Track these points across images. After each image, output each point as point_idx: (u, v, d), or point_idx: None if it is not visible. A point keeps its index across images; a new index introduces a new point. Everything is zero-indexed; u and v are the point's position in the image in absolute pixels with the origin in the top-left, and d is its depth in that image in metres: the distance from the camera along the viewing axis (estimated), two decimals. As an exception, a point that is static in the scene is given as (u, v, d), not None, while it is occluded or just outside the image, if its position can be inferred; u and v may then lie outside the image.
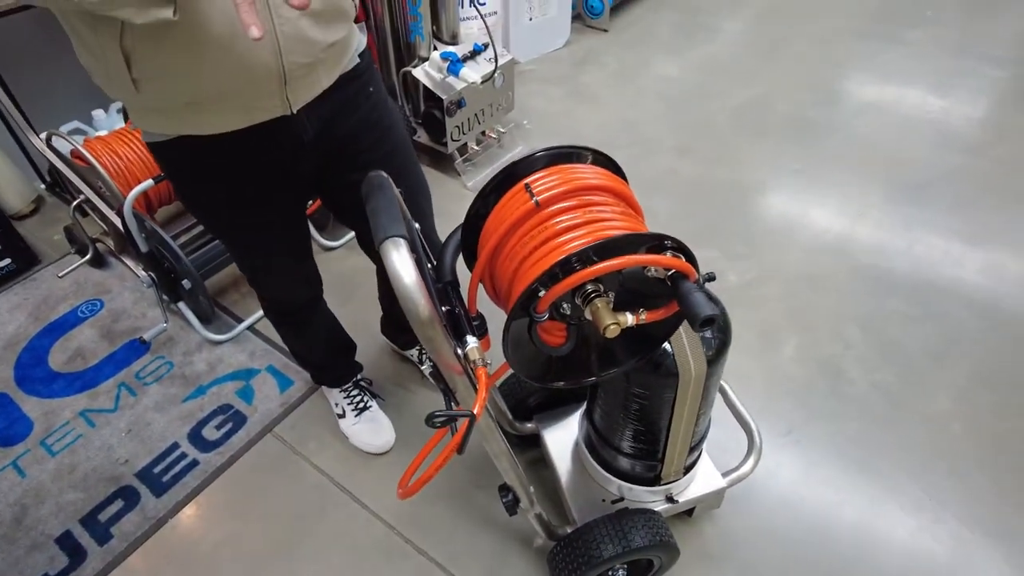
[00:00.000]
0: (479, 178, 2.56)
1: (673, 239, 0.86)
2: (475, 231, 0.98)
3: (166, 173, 1.15)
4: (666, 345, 1.09)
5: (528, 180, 0.92)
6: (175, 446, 1.73)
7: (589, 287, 0.88)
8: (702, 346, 1.10)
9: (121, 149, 1.96)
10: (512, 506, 1.20)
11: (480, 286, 0.97)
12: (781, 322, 2.01)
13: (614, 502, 1.40)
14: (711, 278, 1.10)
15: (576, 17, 3.58)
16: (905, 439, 1.71)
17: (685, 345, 1.09)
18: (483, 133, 2.61)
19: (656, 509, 1.36)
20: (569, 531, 1.31)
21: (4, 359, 1.96)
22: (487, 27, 2.16)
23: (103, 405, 1.83)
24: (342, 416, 1.73)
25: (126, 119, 2.23)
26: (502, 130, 2.65)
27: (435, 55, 2.32)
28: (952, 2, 3.76)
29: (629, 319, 0.88)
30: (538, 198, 0.88)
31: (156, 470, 1.68)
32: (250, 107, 1.01)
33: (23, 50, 2.31)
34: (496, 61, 2.28)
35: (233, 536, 1.57)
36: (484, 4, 2.76)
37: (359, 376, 1.75)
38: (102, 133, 2.12)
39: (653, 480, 1.35)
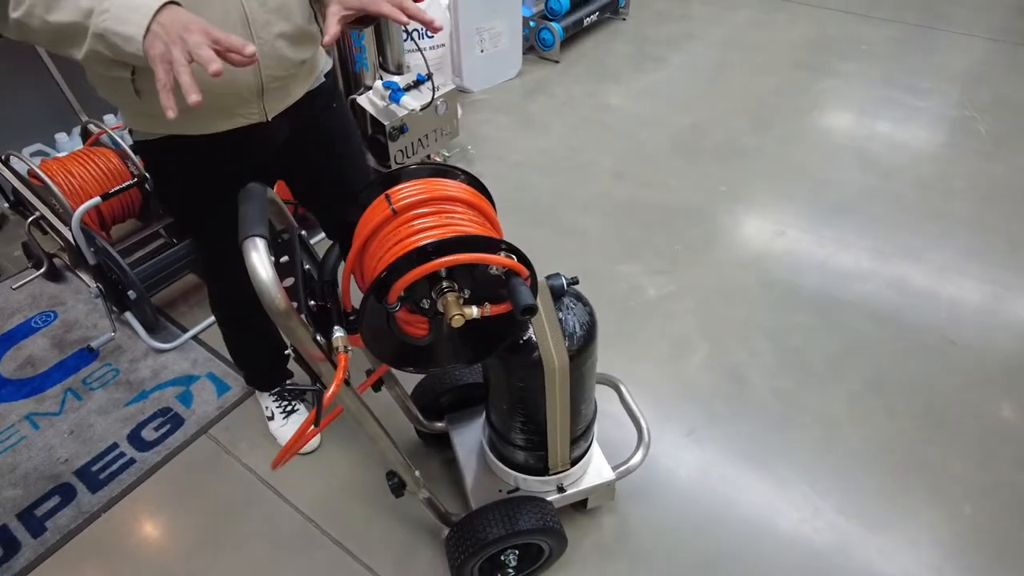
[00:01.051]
0: (424, 199, 2.70)
1: (508, 243, 1.00)
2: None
3: (151, 168, 1.36)
4: (536, 340, 1.23)
5: (392, 189, 1.06)
6: (114, 446, 1.83)
7: (444, 284, 1.01)
8: (564, 341, 1.23)
9: (76, 168, 2.10)
10: (398, 488, 1.32)
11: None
12: (693, 333, 2.15)
13: (510, 492, 1.52)
14: (575, 281, 1.25)
15: (530, 49, 3.77)
16: (798, 440, 1.84)
17: (549, 339, 1.23)
18: (428, 157, 2.76)
19: (548, 498, 1.48)
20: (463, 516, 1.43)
21: (-43, 366, 2.07)
22: (425, 60, 2.32)
23: (48, 409, 1.93)
24: (271, 419, 1.84)
25: (85, 140, 2.36)
26: (447, 154, 2.81)
27: (378, 84, 2.48)
28: (886, 39, 3.99)
29: (475, 311, 1.02)
30: (397, 205, 1.02)
31: (94, 468, 1.78)
32: (232, 113, 1.19)
33: (-10, 77, 2.45)
34: (434, 91, 2.44)
35: (162, 529, 1.67)
36: (432, 37, 2.94)
37: (289, 382, 1.86)
38: (61, 155, 2.25)
39: (543, 470, 1.47)
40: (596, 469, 1.57)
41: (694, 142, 3.08)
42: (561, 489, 1.51)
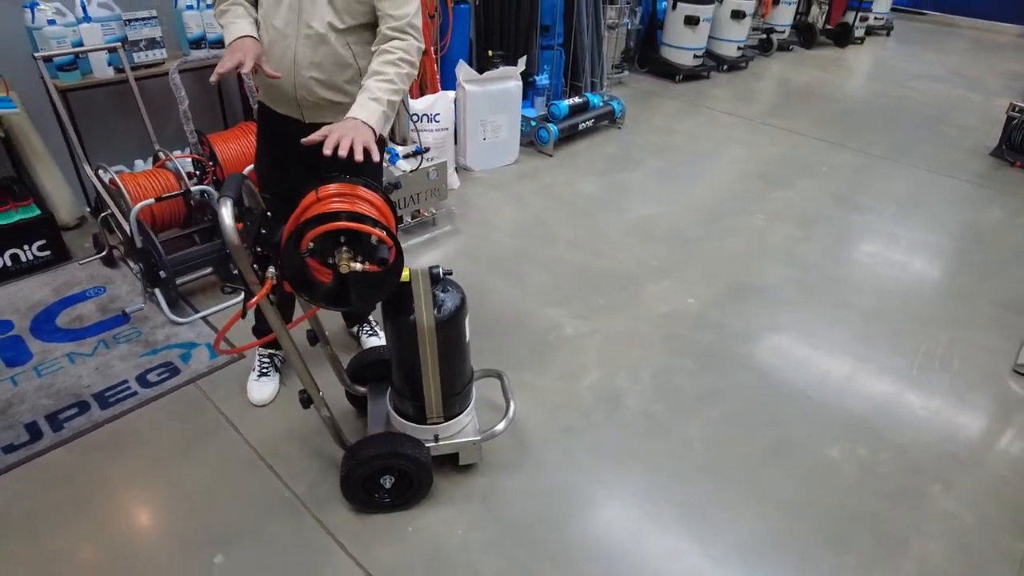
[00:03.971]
0: (409, 243, 3.32)
1: (386, 227, 1.57)
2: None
3: (256, 119, 2.14)
4: (414, 307, 1.77)
5: (322, 186, 1.66)
6: (125, 382, 2.40)
7: (343, 246, 1.58)
8: (435, 310, 1.77)
9: (142, 180, 2.81)
10: (306, 402, 1.83)
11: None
12: (591, 362, 2.63)
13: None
14: (449, 272, 1.81)
15: (529, 143, 4.49)
16: (654, 449, 2.26)
17: (423, 307, 1.76)
18: (418, 211, 3.41)
19: (424, 443, 1.96)
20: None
21: (26, 315, 2.71)
22: (419, 137, 3.02)
23: (84, 351, 2.54)
24: (253, 371, 2.38)
25: (154, 164, 3.09)
26: (434, 211, 3.46)
27: (383, 148, 3.18)
28: (848, 164, 4.58)
29: (358, 266, 1.58)
30: (320, 195, 1.61)
31: (107, 394, 2.35)
32: (283, 104, 1.97)
33: (98, 112, 3.25)
34: (421, 160, 3.12)
35: (147, 440, 2.20)
36: (438, 122, 3.66)
37: (276, 351, 2.41)
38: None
39: (422, 420, 1.96)
40: (468, 431, 2.04)
41: (646, 228, 3.64)
42: (436, 438, 1.99)
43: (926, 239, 3.68)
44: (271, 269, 1.60)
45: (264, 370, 2.39)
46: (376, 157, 1.67)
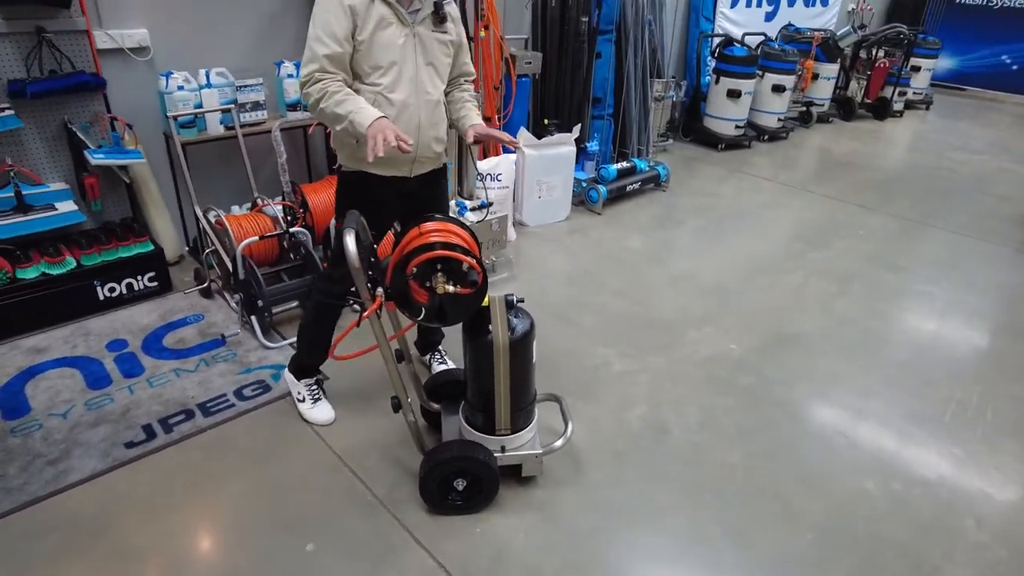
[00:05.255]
0: (470, 287, 3.64)
1: (477, 256, 1.88)
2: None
3: (341, 186, 2.33)
4: (491, 328, 2.05)
5: (423, 224, 1.99)
6: (224, 395, 2.72)
7: (439, 270, 1.90)
8: (508, 332, 2.05)
9: (244, 222, 3.21)
10: (396, 407, 2.11)
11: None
12: (639, 397, 2.85)
13: (469, 445, 2.25)
14: (521, 300, 2.10)
15: (580, 202, 4.84)
16: (697, 474, 2.46)
17: (499, 327, 2.05)
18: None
19: (493, 452, 2.20)
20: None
21: (138, 336, 3.09)
22: (486, 193, 3.38)
23: (188, 368, 2.88)
24: (302, 401, 2.63)
25: (252, 208, 3.50)
26: (494, 258, 3.79)
27: (452, 202, 3.55)
28: (884, 227, 4.79)
29: (451, 288, 1.89)
30: (422, 229, 1.94)
31: (208, 404, 2.67)
32: (395, 167, 2.22)
33: (204, 163, 3.71)
34: (487, 212, 3.48)
35: (244, 442, 2.49)
36: (500, 180, 4.04)
37: (319, 375, 2.69)
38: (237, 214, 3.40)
39: (491, 430, 2.21)
40: (530, 445, 2.28)
41: (688, 280, 3.90)
42: (503, 449, 2.23)
43: (961, 298, 3.83)
44: (380, 289, 1.91)
45: (315, 396, 2.65)
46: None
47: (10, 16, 2.93)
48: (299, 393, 2.66)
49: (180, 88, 3.29)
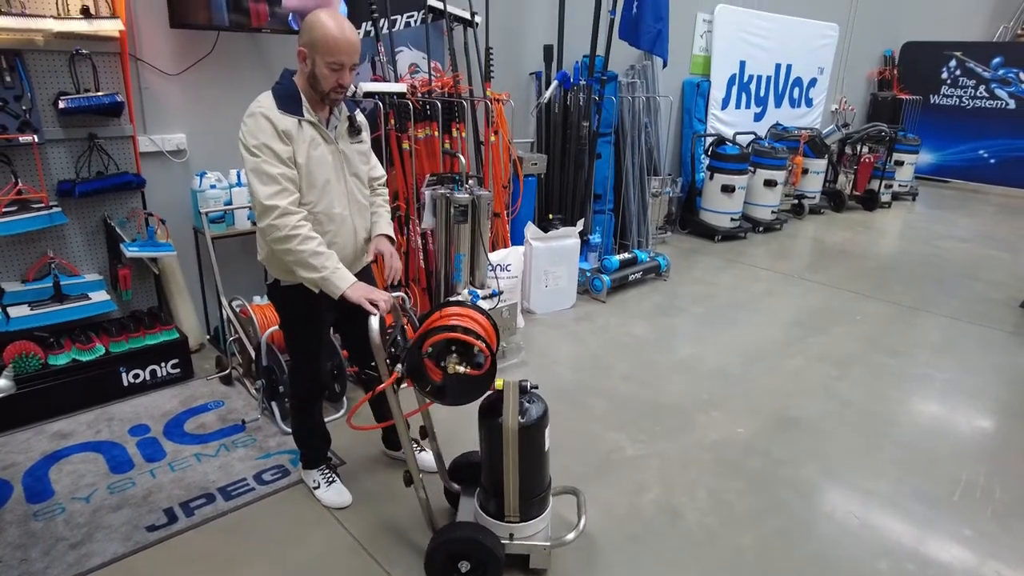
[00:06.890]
0: (481, 372, 3.75)
1: (487, 342, 2.02)
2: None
3: (281, 301, 2.45)
4: (503, 411, 2.15)
5: (445, 308, 2.14)
6: (244, 479, 2.78)
7: (453, 351, 2.03)
8: (519, 416, 2.14)
9: (268, 312, 3.36)
10: (407, 481, 2.18)
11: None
12: (651, 480, 2.90)
13: (483, 526, 2.30)
14: (535, 387, 2.22)
15: (584, 291, 5.02)
16: (710, 556, 2.48)
17: (509, 412, 2.14)
18: (490, 344, 3.87)
19: (499, 536, 2.23)
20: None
21: (160, 421, 3.17)
22: (498, 282, 3.56)
23: (209, 452, 2.94)
24: (317, 488, 2.68)
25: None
26: (504, 345, 3.91)
27: (465, 292, 3.71)
28: (880, 313, 4.94)
29: (462, 369, 2.01)
30: (442, 313, 2.09)
31: (229, 488, 2.72)
32: None
33: (232, 256, 3.90)
34: (497, 302, 3.64)
35: (265, 525, 2.53)
36: (509, 270, 4.24)
37: (331, 460, 2.76)
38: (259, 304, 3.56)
39: (500, 516, 2.25)
40: (540, 536, 2.30)
41: (692, 365, 4.01)
42: (511, 536, 2.26)
43: (959, 380, 3.93)
44: (398, 366, 2.04)
45: (329, 480, 2.71)
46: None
47: (69, 124, 3.23)
48: (314, 481, 2.72)
49: (212, 187, 3.53)
